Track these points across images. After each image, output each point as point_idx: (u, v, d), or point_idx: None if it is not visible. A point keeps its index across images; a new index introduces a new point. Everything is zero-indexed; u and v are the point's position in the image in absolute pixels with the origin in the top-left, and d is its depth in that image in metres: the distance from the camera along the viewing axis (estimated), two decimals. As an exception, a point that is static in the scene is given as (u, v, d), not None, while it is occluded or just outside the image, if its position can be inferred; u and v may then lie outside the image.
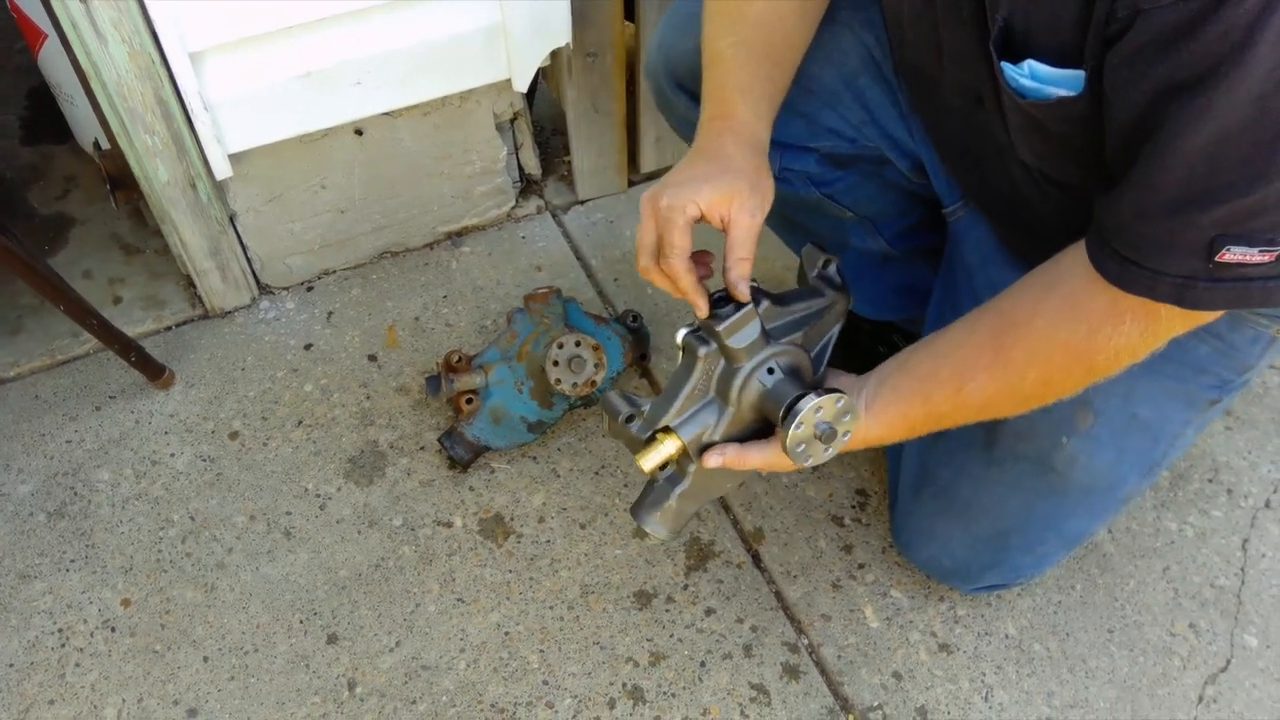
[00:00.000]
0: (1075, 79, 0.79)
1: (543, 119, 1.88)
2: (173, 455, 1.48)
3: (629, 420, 0.97)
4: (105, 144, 1.46)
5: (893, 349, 1.47)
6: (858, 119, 1.17)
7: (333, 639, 1.31)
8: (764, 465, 0.97)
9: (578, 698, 1.26)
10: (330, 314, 1.66)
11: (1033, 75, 0.82)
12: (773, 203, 0.96)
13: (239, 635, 1.31)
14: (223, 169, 1.48)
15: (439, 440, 1.44)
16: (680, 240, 0.91)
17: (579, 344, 1.41)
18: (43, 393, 1.55)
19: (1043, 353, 0.89)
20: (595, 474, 1.46)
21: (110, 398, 1.55)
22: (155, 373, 1.53)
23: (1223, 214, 0.72)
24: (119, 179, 1.47)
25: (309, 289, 1.69)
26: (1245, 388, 1.11)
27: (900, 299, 1.39)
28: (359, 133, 1.57)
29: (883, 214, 1.29)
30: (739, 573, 1.37)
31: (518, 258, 1.73)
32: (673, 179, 0.93)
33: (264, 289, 1.68)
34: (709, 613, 1.33)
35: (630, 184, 1.84)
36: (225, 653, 1.30)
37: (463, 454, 1.43)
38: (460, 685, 1.27)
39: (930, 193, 1.21)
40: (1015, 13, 0.80)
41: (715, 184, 0.91)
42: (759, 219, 0.93)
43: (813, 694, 1.27)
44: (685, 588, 1.35)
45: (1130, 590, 1.36)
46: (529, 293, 1.48)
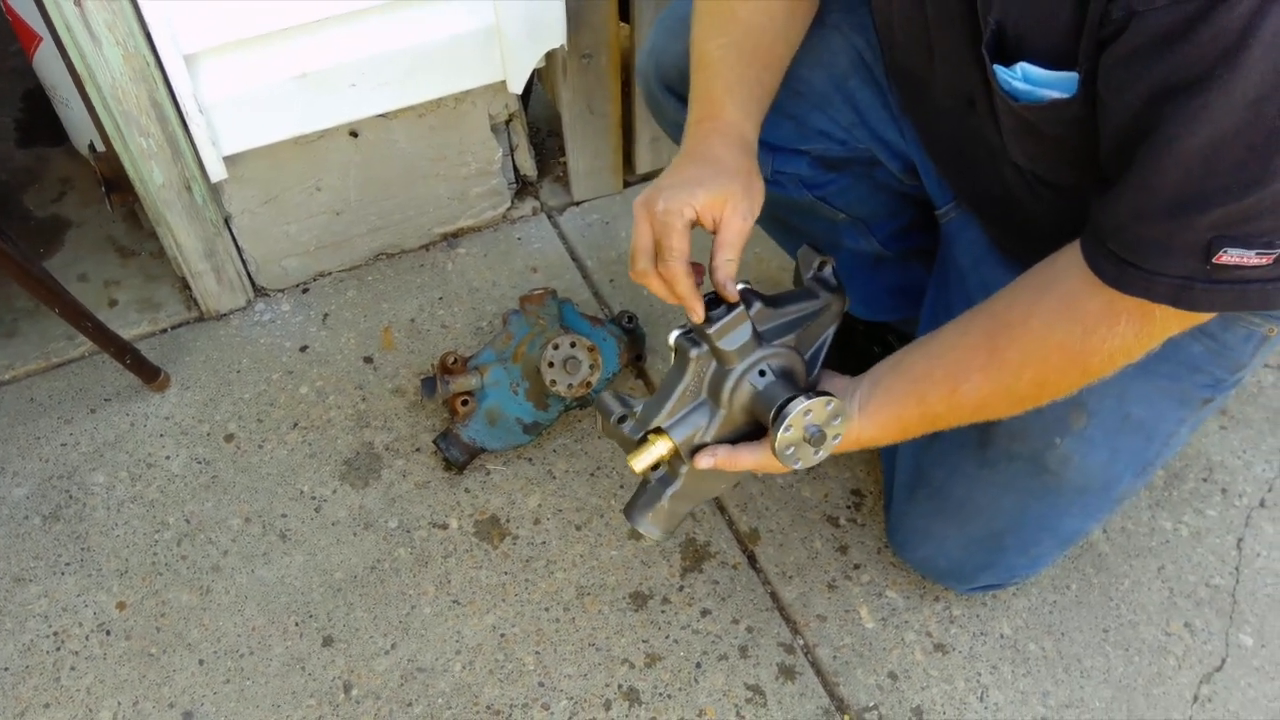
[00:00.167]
0: (1068, 81, 0.79)
1: (538, 120, 1.88)
2: (168, 458, 1.48)
3: (621, 421, 0.97)
4: (100, 146, 1.46)
5: (887, 349, 1.47)
6: (848, 121, 1.17)
7: (328, 641, 1.31)
8: (755, 467, 0.97)
9: (573, 699, 1.26)
10: (326, 316, 1.66)
11: (1025, 78, 0.82)
12: (765, 205, 0.97)
13: (234, 638, 1.31)
14: (218, 171, 1.48)
15: (434, 442, 1.44)
16: (679, 244, 0.91)
17: (574, 345, 1.41)
18: (38, 395, 1.55)
19: (1038, 353, 0.89)
20: (591, 475, 1.47)
21: (105, 400, 1.54)
22: (150, 375, 1.53)
23: (1219, 216, 0.72)
24: (114, 181, 1.47)
25: (304, 291, 1.69)
26: (1239, 386, 1.11)
27: (894, 300, 1.39)
28: (354, 134, 1.57)
29: (875, 215, 1.29)
30: (734, 573, 1.37)
31: (513, 259, 1.73)
32: (666, 182, 0.93)
33: (259, 291, 1.68)
34: (704, 614, 1.33)
35: (626, 185, 1.84)
36: (221, 655, 1.30)
37: (458, 455, 1.43)
38: (456, 687, 1.27)
39: (922, 194, 1.21)
40: (1008, 15, 0.80)
41: (709, 187, 0.91)
42: (749, 222, 0.93)
43: (808, 695, 1.27)
44: (681, 589, 1.36)
45: (1125, 590, 1.36)
46: (524, 294, 1.48)
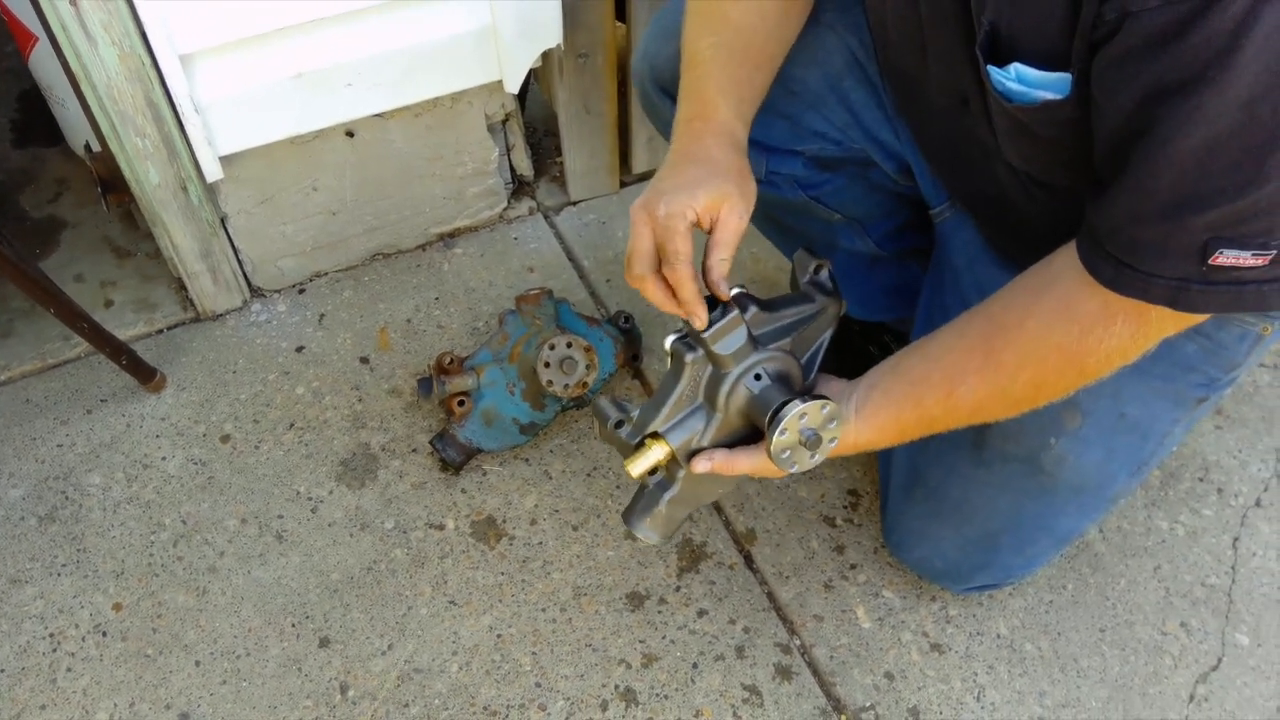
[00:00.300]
0: (1062, 82, 0.79)
1: (534, 120, 1.88)
2: (164, 459, 1.48)
3: (618, 426, 0.97)
4: (96, 147, 1.45)
5: (884, 349, 1.48)
6: (842, 121, 1.17)
7: (325, 642, 1.31)
8: (752, 471, 0.97)
9: (570, 700, 1.26)
10: (322, 316, 1.66)
11: (1019, 78, 0.82)
12: (761, 206, 0.97)
13: (231, 639, 1.31)
14: (214, 171, 1.48)
15: (431, 442, 1.44)
16: (684, 246, 0.91)
17: (571, 345, 1.41)
18: (34, 396, 1.55)
19: (1034, 355, 0.89)
20: (587, 476, 1.46)
21: (101, 401, 1.54)
22: (146, 376, 1.53)
23: (1215, 217, 0.72)
24: (110, 182, 1.47)
25: (301, 291, 1.69)
26: (1234, 386, 1.11)
27: (890, 300, 1.39)
28: (350, 134, 1.57)
29: (870, 215, 1.29)
30: (731, 574, 1.37)
31: (510, 259, 1.73)
32: (664, 186, 0.93)
33: (255, 291, 1.68)
34: (701, 614, 1.33)
35: (622, 185, 1.84)
36: (217, 656, 1.30)
37: (455, 456, 1.43)
38: (453, 688, 1.27)
39: (917, 194, 1.21)
40: (1001, 16, 0.80)
41: (708, 188, 0.91)
42: (744, 221, 0.93)
43: (805, 695, 1.27)
44: (677, 589, 1.36)
45: (1121, 589, 1.36)
46: (521, 294, 1.48)
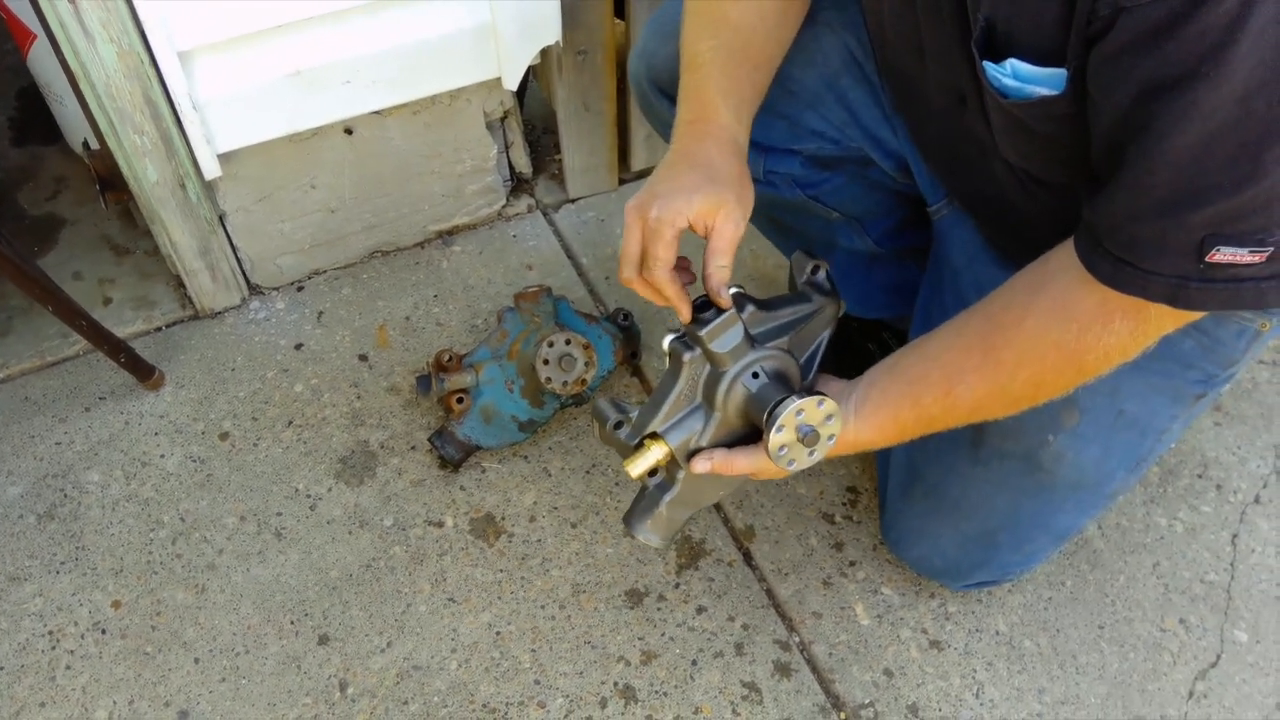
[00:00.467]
0: (1057, 78, 0.79)
1: (533, 117, 1.88)
2: (163, 456, 1.48)
3: (617, 427, 0.97)
4: (95, 144, 1.45)
5: (883, 347, 1.48)
6: (840, 120, 1.17)
7: (324, 640, 1.31)
8: (751, 470, 0.97)
9: (569, 697, 1.26)
10: (321, 314, 1.66)
11: (1015, 74, 0.81)
12: (759, 205, 0.97)
13: (230, 636, 1.31)
14: (212, 169, 1.48)
15: (430, 440, 1.44)
16: (665, 254, 0.92)
17: (569, 342, 1.41)
18: (32, 394, 1.55)
19: (1033, 353, 0.89)
20: (586, 473, 1.46)
21: (100, 399, 1.54)
22: (145, 374, 1.53)
23: (1212, 214, 0.72)
24: (108, 179, 1.47)
25: (299, 289, 1.69)
26: (1232, 382, 1.11)
27: (889, 297, 1.39)
28: (349, 132, 1.57)
29: (869, 214, 1.29)
30: (730, 571, 1.37)
31: (508, 256, 1.73)
32: (660, 188, 0.93)
33: (254, 289, 1.68)
34: (700, 611, 1.33)
35: (621, 182, 1.84)
36: (216, 654, 1.30)
37: (454, 453, 1.43)
38: (452, 685, 1.27)
39: (915, 192, 1.20)
40: (997, 12, 0.80)
41: (703, 194, 0.92)
42: (742, 228, 0.94)
43: (804, 692, 1.27)
44: (677, 586, 1.36)
45: (1120, 586, 1.36)
46: (519, 291, 1.48)
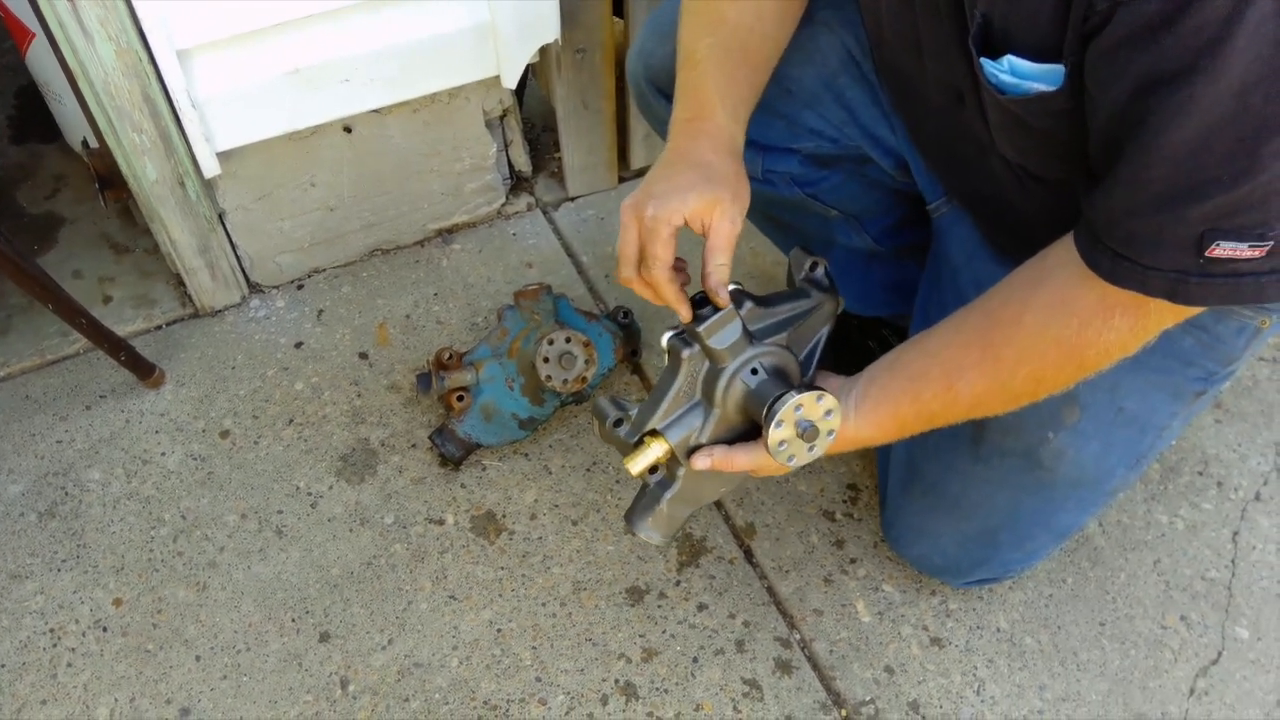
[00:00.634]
0: (1054, 74, 0.79)
1: (533, 116, 1.88)
2: (163, 454, 1.48)
3: (617, 424, 0.97)
4: (94, 143, 1.45)
5: (883, 344, 1.48)
6: (839, 119, 1.17)
7: (325, 637, 1.31)
8: (751, 466, 0.97)
9: (570, 694, 1.27)
10: (321, 312, 1.66)
11: (1012, 71, 0.81)
12: (758, 203, 0.97)
13: (231, 634, 1.31)
14: (211, 167, 1.48)
15: (430, 438, 1.44)
16: (663, 253, 0.92)
17: (569, 340, 1.41)
18: (33, 392, 1.55)
19: (1033, 348, 0.89)
20: (587, 470, 1.46)
21: (100, 397, 1.54)
22: (145, 372, 1.53)
23: (1210, 208, 0.72)
24: (108, 178, 1.47)
25: (299, 287, 1.69)
26: (1232, 379, 1.11)
27: (889, 295, 1.39)
28: (348, 130, 1.57)
29: (867, 212, 1.29)
30: (731, 568, 1.37)
31: (508, 255, 1.73)
32: (656, 188, 0.93)
33: (254, 287, 1.68)
34: (701, 608, 1.34)
35: (621, 180, 1.84)
36: (217, 651, 1.30)
37: (454, 451, 1.43)
38: (453, 682, 1.27)
39: (914, 190, 1.20)
40: (994, 8, 0.80)
41: (699, 192, 0.92)
42: (738, 226, 0.94)
43: (805, 689, 1.27)
44: (677, 584, 1.36)
45: (1121, 583, 1.36)
46: (519, 289, 1.48)
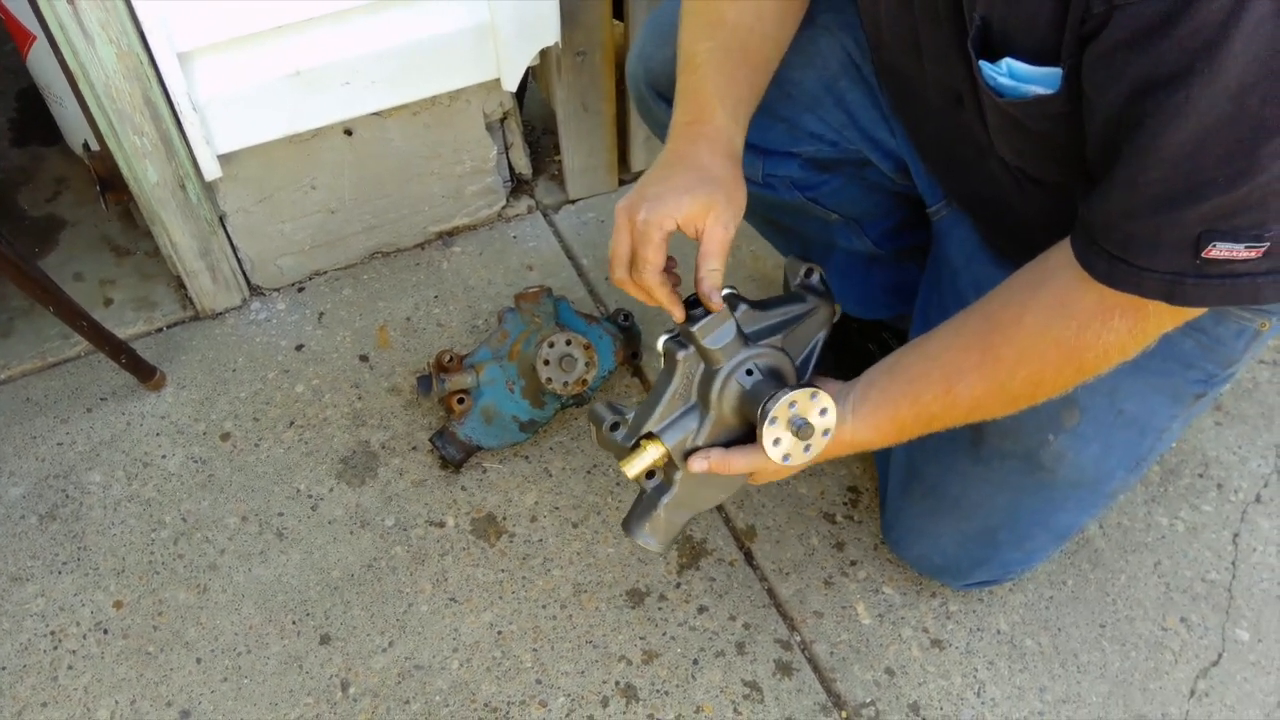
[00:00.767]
0: (1052, 76, 0.79)
1: (533, 118, 1.88)
2: (164, 457, 1.48)
3: (614, 428, 0.97)
4: (95, 145, 1.45)
5: (883, 347, 1.48)
6: (839, 122, 1.17)
7: (325, 639, 1.31)
8: (748, 468, 0.97)
9: (571, 696, 1.27)
10: (321, 314, 1.66)
11: (1010, 74, 0.81)
12: (759, 207, 0.97)
13: (232, 636, 1.31)
14: (212, 169, 1.48)
15: (431, 440, 1.44)
16: (654, 256, 0.92)
17: (570, 343, 1.41)
18: (34, 395, 1.55)
19: (1032, 350, 0.89)
20: (587, 473, 1.47)
21: (101, 399, 1.54)
22: (146, 374, 1.53)
23: (1207, 210, 0.72)
24: (109, 180, 1.47)
25: (300, 290, 1.69)
26: (1232, 382, 1.11)
27: (889, 298, 1.39)
28: (349, 133, 1.57)
29: (867, 215, 1.29)
30: (731, 570, 1.37)
31: (509, 257, 1.73)
32: (650, 190, 0.93)
33: (255, 290, 1.68)
34: (701, 610, 1.34)
35: (621, 183, 1.84)
36: (218, 654, 1.30)
37: (455, 454, 1.43)
38: (453, 685, 1.28)
39: (914, 193, 1.20)
40: (993, 11, 0.80)
41: (693, 195, 0.91)
42: (732, 231, 0.94)
43: (805, 691, 1.27)
44: (678, 586, 1.36)
45: (1122, 585, 1.36)
46: (520, 292, 1.48)
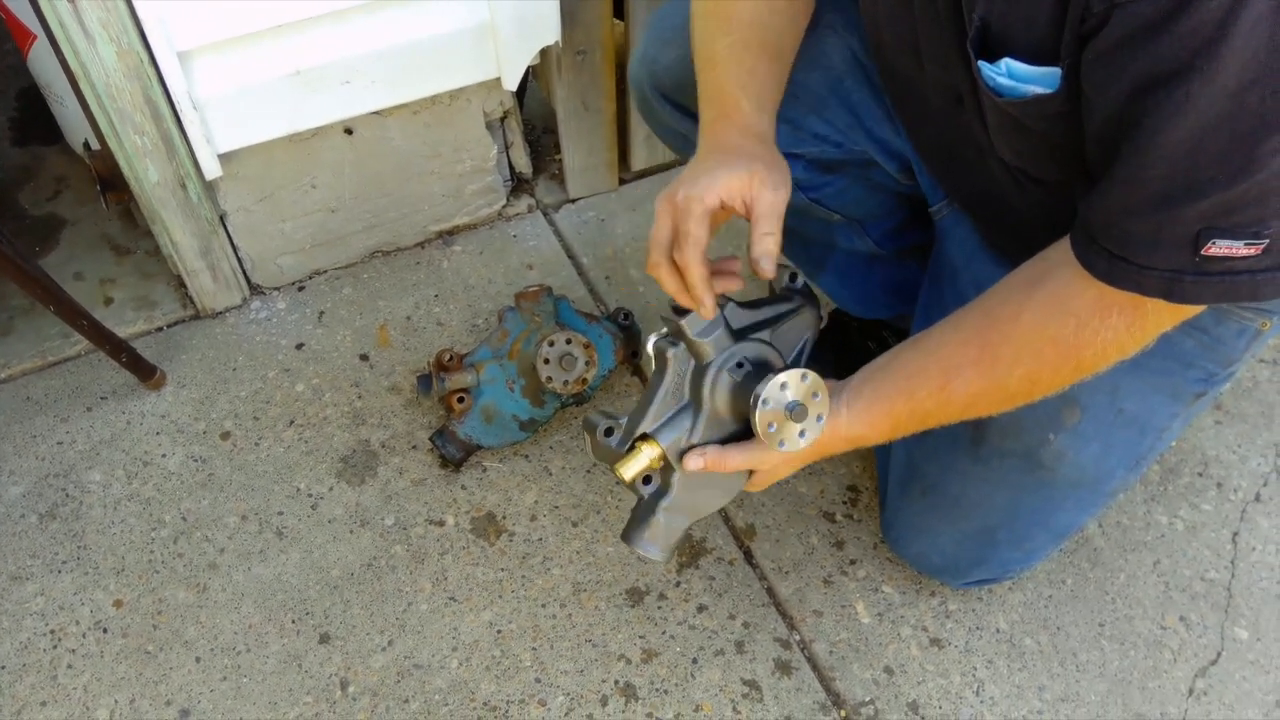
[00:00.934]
0: (1051, 76, 0.79)
1: (533, 117, 1.88)
2: (164, 456, 1.48)
3: (608, 433, 0.97)
4: (95, 144, 1.46)
5: (883, 346, 1.48)
6: (844, 123, 1.16)
7: (325, 638, 1.31)
8: (745, 464, 0.97)
9: (570, 695, 1.27)
10: (321, 313, 1.66)
11: (1010, 73, 0.81)
12: None
13: (231, 635, 1.31)
14: (212, 169, 1.48)
15: (431, 439, 1.44)
16: (696, 229, 0.87)
17: (570, 342, 1.41)
18: (34, 394, 1.55)
19: (1030, 348, 0.89)
20: (587, 472, 1.47)
21: (101, 399, 1.55)
22: (146, 373, 1.53)
23: (1207, 207, 0.72)
24: (109, 180, 1.47)
25: (300, 289, 1.69)
26: (1232, 381, 1.12)
27: (890, 297, 1.39)
28: (349, 132, 1.57)
29: (870, 215, 1.28)
30: (731, 569, 1.37)
31: (509, 256, 1.73)
32: (687, 175, 0.91)
33: (255, 289, 1.68)
34: (701, 609, 1.34)
35: (621, 182, 1.84)
36: (217, 653, 1.30)
37: (455, 453, 1.43)
38: (453, 684, 1.28)
39: (917, 193, 1.20)
40: (992, 11, 0.80)
41: (732, 168, 0.89)
42: (783, 193, 0.89)
43: (805, 690, 1.27)
44: (677, 585, 1.36)
45: (1121, 584, 1.36)
46: (520, 291, 1.48)
